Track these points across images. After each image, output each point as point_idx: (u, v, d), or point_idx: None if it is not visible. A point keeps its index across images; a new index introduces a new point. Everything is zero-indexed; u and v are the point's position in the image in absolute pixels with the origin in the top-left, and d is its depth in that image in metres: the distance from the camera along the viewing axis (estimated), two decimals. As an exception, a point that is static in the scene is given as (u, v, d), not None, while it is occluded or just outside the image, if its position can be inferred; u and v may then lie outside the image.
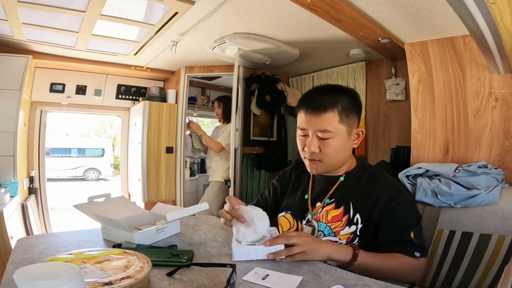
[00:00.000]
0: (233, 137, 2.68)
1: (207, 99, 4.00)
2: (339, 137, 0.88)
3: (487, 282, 1.26)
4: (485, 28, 1.01)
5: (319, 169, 0.94)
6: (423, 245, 0.88)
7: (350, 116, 0.90)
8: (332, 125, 0.87)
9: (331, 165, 0.94)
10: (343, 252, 0.79)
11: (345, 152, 0.93)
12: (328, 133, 0.87)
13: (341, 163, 0.96)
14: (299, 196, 1.03)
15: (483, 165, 1.46)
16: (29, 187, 2.64)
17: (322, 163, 0.92)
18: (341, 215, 0.91)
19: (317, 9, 1.54)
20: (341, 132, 0.88)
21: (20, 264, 0.69)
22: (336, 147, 0.89)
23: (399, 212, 0.87)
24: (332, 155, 0.90)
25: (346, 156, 0.95)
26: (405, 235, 0.85)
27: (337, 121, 0.87)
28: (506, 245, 1.23)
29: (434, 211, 1.40)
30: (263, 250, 0.75)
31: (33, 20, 1.92)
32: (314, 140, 0.89)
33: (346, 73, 2.77)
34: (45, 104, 2.86)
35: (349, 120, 0.90)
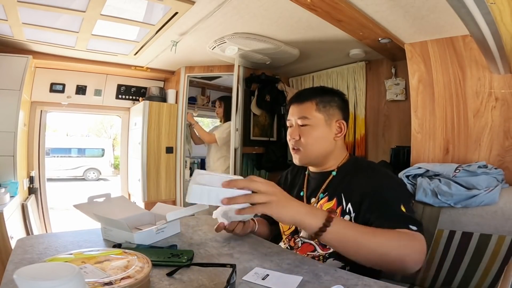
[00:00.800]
0: (233, 137, 2.68)
1: (207, 99, 4.00)
2: (317, 125, 0.95)
3: (487, 282, 1.26)
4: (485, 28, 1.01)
5: (302, 159, 0.98)
6: (418, 220, 0.79)
7: (329, 107, 0.97)
8: (310, 113, 0.95)
9: (312, 155, 0.97)
10: (315, 215, 0.67)
11: (325, 142, 0.96)
12: (306, 120, 0.95)
13: (323, 154, 0.98)
14: (295, 194, 1.05)
15: (483, 165, 1.46)
16: (29, 187, 2.64)
17: (302, 151, 0.97)
18: (335, 207, 0.92)
19: (317, 9, 1.55)
20: (319, 121, 0.95)
21: (20, 264, 0.69)
22: (314, 136, 0.95)
23: (386, 190, 0.85)
24: (311, 143, 0.95)
25: (328, 147, 0.97)
26: (394, 208, 0.80)
27: (315, 109, 0.95)
28: (506, 245, 1.23)
29: (434, 211, 1.40)
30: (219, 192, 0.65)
31: (33, 20, 1.92)
32: (295, 128, 0.98)
33: (346, 73, 2.77)
34: (45, 104, 2.86)
35: (328, 110, 0.96)
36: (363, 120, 2.69)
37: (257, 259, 0.77)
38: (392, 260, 0.68)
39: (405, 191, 0.89)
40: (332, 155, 0.99)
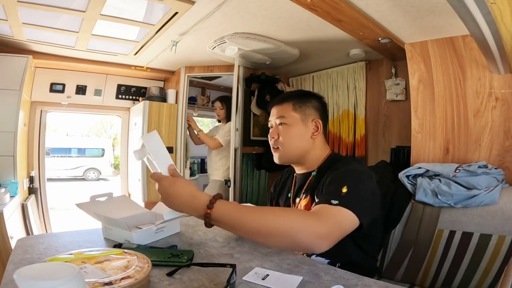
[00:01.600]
0: (233, 137, 2.68)
1: (207, 99, 4.00)
2: (294, 124, 1.00)
3: (487, 282, 1.26)
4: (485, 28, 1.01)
5: (281, 158, 1.03)
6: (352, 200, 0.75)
7: (305, 108, 1.01)
8: (287, 112, 1.01)
9: (290, 153, 1.01)
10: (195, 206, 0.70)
11: (302, 141, 1.00)
12: (283, 119, 1.01)
13: (300, 153, 1.01)
14: (285, 196, 1.11)
15: (483, 165, 1.46)
16: (29, 187, 2.64)
17: (281, 149, 1.01)
18: (310, 204, 0.96)
19: (317, 9, 1.55)
20: (295, 119, 1.00)
21: (20, 264, 0.69)
22: (291, 134, 0.99)
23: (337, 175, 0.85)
24: (288, 141, 1.00)
25: (305, 146, 1.00)
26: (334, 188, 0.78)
27: (291, 109, 1.01)
28: (506, 245, 1.23)
29: (434, 211, 1.40)
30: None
31: (33, 20, 1.92)
32: (274, 128, 1.04)
33: (346, 73, 2.77)
34: (45, 104, 2.86)
35: (304, 110, 1.01)
36: (363, 120, 2.69)
37: (257, 259, 0.77)
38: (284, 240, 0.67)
39: (356, 177, 0.84)
40: (311, 154, 1.02)
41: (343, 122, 2.81)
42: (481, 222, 1.30)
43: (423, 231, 1.39)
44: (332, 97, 2.89)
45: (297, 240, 0.66)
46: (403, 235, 1.43)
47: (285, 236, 0.66)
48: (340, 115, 2.84)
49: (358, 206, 0.74)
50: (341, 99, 2.83)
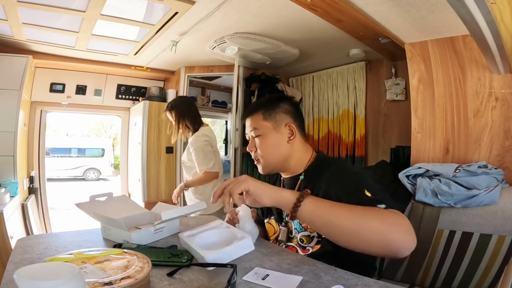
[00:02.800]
0: (233, 137, 2.68)
1: (207, 99, 4.00)
2: (267, 133, 0.98)
3: (487, 282, 1.26)
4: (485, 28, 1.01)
5: (264, 169, 1.02)
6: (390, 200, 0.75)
7: (274, 114, 1.00)
8: (258, 123, 0.99)
9: (271, 162, 1.00)
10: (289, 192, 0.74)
11: (280, 148, 0.99)
12: (257, 131, 0.99)
13: (282, 160, 0.99)
14: None
15: (483, 165, 1.46)
16: (29, 187, 2.64)
17: (262, 160, 1.00)
18: None
19: (317, 9, 1.55)
20: (267, 129, 0.98)
21: (20, 264, 0.69)
22: (267, 144, 0.98)
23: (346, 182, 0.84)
24: (266, 151, 0.99)
25: (284, 152, 0.99)
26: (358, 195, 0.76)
27: (262, 119, 0.99)
28: (506, 245, 1.23)
29: (434, 211, 1.40)
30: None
31: (33, 20, 1.92)
32: (251, 141, 1.02)
33: (346, 73, 2.77)
34: (45, 104, 2.86)
35: (274, 117, 0.99)
36: (363, 120, 2.69)
37: (257, 259, 0.77)
38: (376, 238, 0.64)
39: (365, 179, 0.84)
40: (293, 158, 1.00)
41: (343, 122, 2.81)
42: (481, 222, 1.30)
43: (423, 231, 1.39)
44: (332, 97, 2.89)
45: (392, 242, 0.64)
46: (403, 235, 1.43)
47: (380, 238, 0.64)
48: (340, 115, 2.84)
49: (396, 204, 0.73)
50: (341, 99, 2.83)
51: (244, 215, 0.91)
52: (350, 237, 0.67)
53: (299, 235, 0.94)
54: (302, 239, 0.94)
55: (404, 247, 0.64)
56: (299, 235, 0.94)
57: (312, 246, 0.92)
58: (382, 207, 0.71)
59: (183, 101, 2.08)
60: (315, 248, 0.91)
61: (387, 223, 0.65)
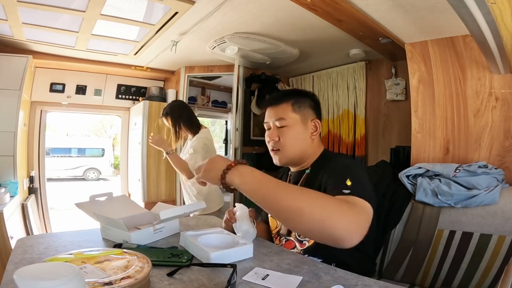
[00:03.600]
0: (234, 137, 2.68)
1: (207, 99, 4.00)
2: (294, 125, 0.98)
3: (487, 282, 1.26)
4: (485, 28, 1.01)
5: (281, 159, 1.01)
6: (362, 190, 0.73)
7: (303, 108, 1.00)
8: (287, 114, 0.98)
9: (291, 154, 0.99)
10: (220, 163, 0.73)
11: (302, 141, 0.99)
12: (283, 121, 0.98)
13: (301, 154, 1.00)
14: None
15: (483, 165, 1.46)
16: (29, 187, 2.64)
17: (281, 151, 0.99)
18: None
19: (317, 9, 1.55)
20: (295, 121, 0.98)
21: (20, 264, 0.69)
22: (292, 135, 0.98)
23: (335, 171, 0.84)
24: (290, 143, 0.98)
25: (305, 146, 1.00)
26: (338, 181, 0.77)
27: (291, 110, 0.98)
28: (506, 245, 1.23)
29: (434, 211, 1.40)
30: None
31: (33, 20, 1.92)
32: (274, 130, 1.00)
33: (346, 73, 2.77)
34: (45, 104, 2.86)
35: (302, 111, 1.00)
36: (363, 120, 2.69)
37: (257, 259, 0.77)
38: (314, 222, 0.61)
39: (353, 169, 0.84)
40: (308, 153, 1.01)
41: (343, 122, 2.81)
42: (481, 222, 1.30)
43: (423, 231, 1.39)
44: (332, 97, 2.89)
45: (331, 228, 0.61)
46: (403, 235, 1.43)
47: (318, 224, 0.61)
48: (340, 115, 2.84)
49: (369, 196, 0.72)
50: (341, 99, 2.83)
51: (241, 215, 0.91)
52: (288, 216, 0.64)
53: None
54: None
55: (344, 237, 0.61)
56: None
57: (308, 240, 0.94)
58: (346, 192, 0.71)
59: (177, 106, 2.05)
60: (310, 242, 0.93)
61: (330, 209, 0.62)
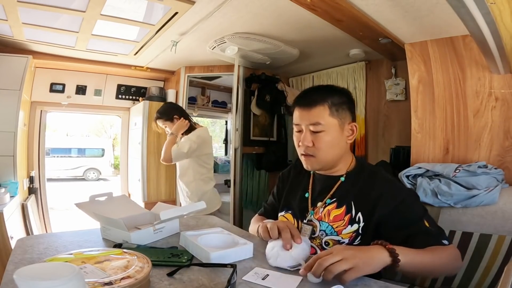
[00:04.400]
0: (233, 137, 2.68)
1: (207, 99, 4.00)
2: (331, 130, 0.90)
3: (487, 282, 1.26)
4: (485, 28, 1.01)
5: (314, 165, 0.94)
6: (442, 230, 0.86)
7: (341, 111, 0.91)
8: (323, 118, 0.89)
9: (325, 161, 0.93)
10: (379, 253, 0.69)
11: (339, 147, 0.92)
12: (320, 126, 0.89)
13: (336, 159, 0.94)
14: (299, 195, 1.03)
15: (483, 165, 1.46)
16: (29, 187, 2.64)
17: (316, 158, 0.92)
18: (343, 214, 0.90)
19: (317, 9, 1.55)
20: (333, 126, 0.90)
21: (20, 264, 0.69)
22: (328, 141, 0.90)
23: (405, 207, 0.86)
24: (325, 149, 0.91)
25: (341, 152, 0.94)
26: (419, 226, 0.83)
27: (328, 114, 0.89)
28: (506, 245, 1.23)
29: (434, 211, 1.40)
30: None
31: (33, 20, 1.92)
32: (307, 134, 0.91)
33: (346, 73, 2.77)
34: (45, 104, 2.86)
35: (340, 114, 0.91)
36: (363, 120, 2.69)
37: (257, 259, 0.77)
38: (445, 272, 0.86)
39: (421, 203, 0.92)
40: (342, 159, 0.96)
41: (343, 122, 2.81)
42: (481, 222, 1.30)
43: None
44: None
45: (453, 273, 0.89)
46: (403, 235, 1.43)
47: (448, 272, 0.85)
48: (340, 115, 2.84)
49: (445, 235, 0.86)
50: (341, 99, 2.83)
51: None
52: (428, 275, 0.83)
53: (326, 238, 0.90)
54: (328, 242, 0.90)
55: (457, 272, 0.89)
56: (326, 238, 0.90)
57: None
58: (446, 243, 0.81)
59: (169, 107, 2.12)
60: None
61: (453, 262, 0.80)
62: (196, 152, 1.98)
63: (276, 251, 0.74)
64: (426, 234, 0.81)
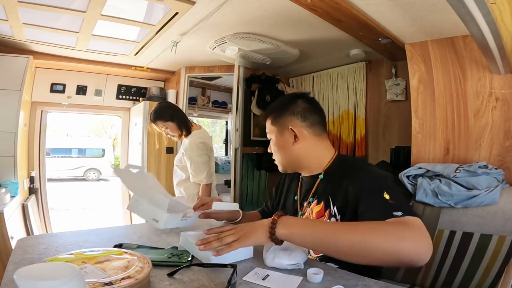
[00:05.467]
0: (233, 138, 2.68)
1: (207, 99, 4.01)
2: (275, 137, 1.03)
3: (487, 282, 1.26)
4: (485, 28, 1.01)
5: (280, 168, 1.06)
6: (407, 206, 0.75)
7: (279, 118, 1.02)
8: (269, 128, 1.05)
9: (282, 163, 1.04)
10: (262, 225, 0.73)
11: (288, 150, 1.01)
12: (269, 134, 1.06)
13: (294, 160, 1.01)
14: (291, 198, 1.09)
15: (484, 165, 1.46)
16: (29, 187, 2.64)
17: (276, 161, 1.06)
18: (323, 210, 0.93)
19: (317, 9, 1.55)
20: (275, 132, 1.03)
21: (20, 264, 0.69)
22: (276, 146, 1.03)
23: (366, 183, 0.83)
24: (276, 153, 1.04)
25: (293, 154, 1.00)
26: (378, 196, 0.76)
27: (270, 123, 1.04)
28: (507, 245, 1.23)
29: (434, 211, 1.40)
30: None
31: (33, 20, 1.92)
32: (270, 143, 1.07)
33: (346, 73, 2.77)
34: (46, 104, 2.86)
35: (278, 121, 1.02)
36: (364, 120, 2.69)
37: (257, 259, 0.77)
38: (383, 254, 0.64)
39: (386, 180, 0.85)
40: (308, 158, 1.00)
41: (343, 122, 2.81)
42: (481, 222, 1.30)
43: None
44: (332, 97, 2.89)
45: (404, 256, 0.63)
46: (403, 235, 1.43)
47: (388, 254, 0.63)
48: (340, 115, 2.84)
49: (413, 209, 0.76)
50: (341, 99, 2.83)
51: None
52: (350, 253, 0.66)
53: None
54: None
55: (417, 258, 0.63)
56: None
57: None
58: (399, 215, 0.70)
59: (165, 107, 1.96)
60: None
61: (394, 238, 0.64)
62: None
63: (272, 251, 0.74)
64: (379, 206, 0.75)
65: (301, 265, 0.72)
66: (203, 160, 1.89)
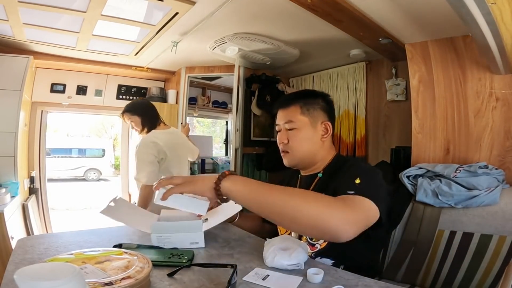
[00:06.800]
0: (234, 138, 2.68)
1: (208, 99, 4.01)
2: (303, 128, 0.99)
3: (487, 282, 1.26)
4: (485, 28, 1.01)
5: (290, 161, 1.02)
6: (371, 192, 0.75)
7: (312, 110, 1.00)
8: (295, 117, 0.99)
9: (299, 156, 1.00)
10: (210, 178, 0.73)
11: (311, 143, 0.99)
12: (292, 124, 0.99)
13: (310, 156, 1.00)
14: None
15: (484, 166, 1.46)
16: (29, 187, 2.65)
17: (290, 153, 1.01)
18: None
19: (317, 9, 1.55)
20: (304, 123, 0.99)
21: (20, 264, 0.69)
22: (301, 138, 0.99)
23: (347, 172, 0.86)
24: (298, 145, 0.99)
25: (313, 148, 1.00)
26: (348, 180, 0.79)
27: (299, 113, 0.99)
28: (507, 246, 1.23)
29: (434, 211, 1.40)
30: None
31: (33, 20, 1.92)
32: (283, 132, 1.02)
33: (346, 73, 2.77)
34: (46, 104, 2.86)
35: (312, 113, 1.00)
36: (364, 120, 2.68)
37: (257, 259, 0.77)
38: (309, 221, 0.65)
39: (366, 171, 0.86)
40: (319, 156, 1.01)
41: (344, 123, 2.81)
42: (481, 222, 1.30)
43: (424, 231, 1.39)
44: (333, 97, 2.85)
45: (325, 226, 0.65)
46: (404, 236, 1.43)
47: (313, 221, 0.65)
48: (340, 115, 2.84)
49: (375, 195, 0.75)
50: (341, 99, 2.83)
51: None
52: (282, 216, 0.67)
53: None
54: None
55: (338, 231, 0.65)
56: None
57: (320, 243, 0.93)
58: (350, 193, 0.73)
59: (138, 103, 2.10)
60: (322, 245, 0.92)
61: (322, 206, 0.66)
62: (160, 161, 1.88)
63: (273, 251, 0.74)
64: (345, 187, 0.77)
65: (302, 265, 0.71)
66: (149, 159, 1.84)
